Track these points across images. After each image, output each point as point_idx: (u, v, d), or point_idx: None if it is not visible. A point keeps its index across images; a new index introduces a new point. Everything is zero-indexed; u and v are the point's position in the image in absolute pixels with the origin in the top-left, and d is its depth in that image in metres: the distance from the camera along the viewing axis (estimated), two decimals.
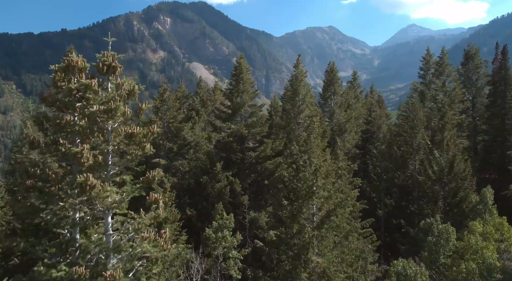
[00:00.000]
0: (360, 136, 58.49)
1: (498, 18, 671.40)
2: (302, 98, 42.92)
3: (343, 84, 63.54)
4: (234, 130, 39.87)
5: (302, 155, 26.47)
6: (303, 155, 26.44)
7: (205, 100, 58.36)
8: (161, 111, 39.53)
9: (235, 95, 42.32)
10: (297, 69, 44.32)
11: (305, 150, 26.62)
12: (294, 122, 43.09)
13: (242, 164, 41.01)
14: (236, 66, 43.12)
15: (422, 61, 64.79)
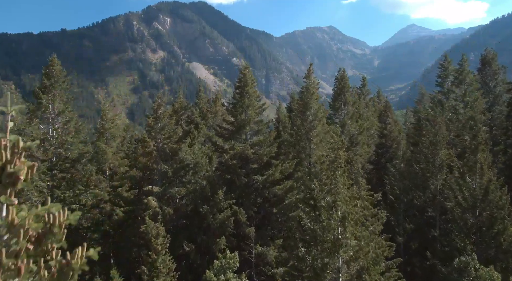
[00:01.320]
0: (374, 151, 54.40)
1: (498, 18, 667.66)
2: (314, 113, 38.25)
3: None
4: (238, 151, 35.73)
5: (325, 196, 21.64)
6: (327, 196, 21.61)
7: (206, 112, 53.78)
8: (155, 130, 35.40)
9: (239, 110, 38.24)
10: (308, 80, 39.84)
11: (329, 191, 21.78)
12: (305, 139, 38.50)
13: (247, 189, 36.64)
14: (241, 77, 39.10)
15: (440, 68, 59.66)
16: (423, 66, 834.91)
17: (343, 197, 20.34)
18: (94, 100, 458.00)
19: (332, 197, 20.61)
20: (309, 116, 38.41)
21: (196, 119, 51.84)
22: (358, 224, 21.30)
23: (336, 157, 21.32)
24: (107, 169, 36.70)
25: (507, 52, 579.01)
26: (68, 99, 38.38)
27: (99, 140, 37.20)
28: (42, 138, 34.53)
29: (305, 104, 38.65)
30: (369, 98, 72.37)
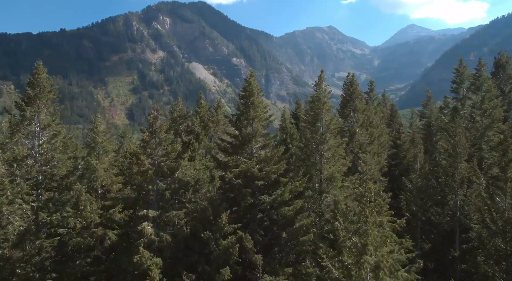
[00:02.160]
0: (387, 161, 51.31)
1: (499, 18, 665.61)
2: (326, 125, 35.11)
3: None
4: (243, 169, 32.25)
5: (351, 236, 17.98)
6: (353, 236, 17.92)
7: (207, 122, 50.34)
8: (151, 147, 32.08)
9: (244, 123, 34.91)
10: (319, 89, 36.11)
11: (357, 230, 17.94)
12: (316, 153, 35.46)
13: (252, 210, 33.35)
14: (245, 86, 35.62)
15: (455, 73, 56.24)
16: (423, 66, 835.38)
17: (374, 240, 16.93)
18: (94, 100, 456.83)
19: (361, 239, 17.17)
20: (320, 128, 35.48)
21: (197, 129, 48.41)
22: (392, 272, 18.13)
23: (365, 191, 18.01)
24: (99, 187, 33.27)
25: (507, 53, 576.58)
26: (55, 111, 34.91)
27: (90, 156, 33.62)
28: (26, 154, 31.23)
29: (315, 114, 35.66)
30: (376, 103, 68.34)
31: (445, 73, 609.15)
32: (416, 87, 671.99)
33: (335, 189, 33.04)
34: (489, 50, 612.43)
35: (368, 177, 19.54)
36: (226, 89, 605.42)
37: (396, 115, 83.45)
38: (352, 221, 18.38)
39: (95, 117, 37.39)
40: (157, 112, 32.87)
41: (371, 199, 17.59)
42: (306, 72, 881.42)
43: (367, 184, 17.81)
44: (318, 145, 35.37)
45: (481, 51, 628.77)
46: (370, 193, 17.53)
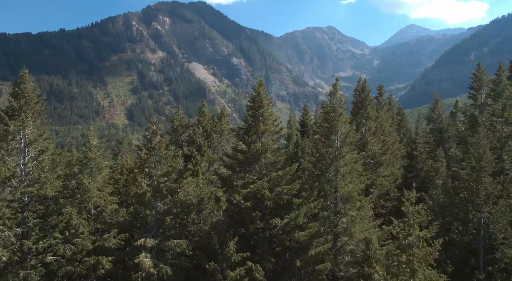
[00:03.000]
0: (402, 174, 48.31)
1: (499, 18, 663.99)
2: (342, 138, 31.83)
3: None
4: (252, 190, 28.95)
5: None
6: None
7: (210, 132, 46.76)
8: (149, 165, 28.88)
9: (252, 137, 31.78)
10: (334, 98, 33.34)
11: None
12: (331, 169, 32.21)
13: (262, 234, 30.02)
14: (254, 97, 32.39)
15: (472, 78, 52.68)
16: (422, 66, 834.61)
17: None
18: (93, 100, 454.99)
19: None
20: (335, 141, 32.29)
21: (199, 140, 44.90)
22: None
23: (413, 241, 14.87)
24: (92, 207, 29.88)
25: (507, 53, 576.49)
26: (43, 124, 31.19)
27: (82, 173, 30.52)
28: (9, 174, 27.82)
29: (330, 126, 32.44)
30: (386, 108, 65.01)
31: (445, 73, 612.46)
32: (416, 87, 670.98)
33: (352, 210, 30.16)
34: (489, 50, 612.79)
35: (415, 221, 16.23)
36: (226, 89, 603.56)
37: (404, 119, 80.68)
38: (394, 274, 15.26)
39: (87, 130, 34.00)
40: (156, 126, 29.64)
41: (417, 246, 14.62)
42: (306, 72, 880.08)
43: (414, 230, 14.83)
44: (333, 160, 32.32)
45: (481, 51, 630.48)
46: (419, 242, 14.55)
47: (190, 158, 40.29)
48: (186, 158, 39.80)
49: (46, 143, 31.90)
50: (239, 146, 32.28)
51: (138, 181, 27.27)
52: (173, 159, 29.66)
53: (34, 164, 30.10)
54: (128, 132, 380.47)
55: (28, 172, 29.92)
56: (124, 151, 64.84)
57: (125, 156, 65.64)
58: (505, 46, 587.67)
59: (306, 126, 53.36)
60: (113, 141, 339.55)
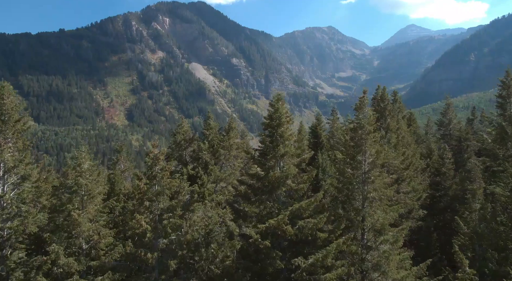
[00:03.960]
0: (428, 192, 44.62)
1: (499, 19, 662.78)
2: (372, 161, 27.52)
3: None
4: (271, 225, 24.46)
5: None
6: None
7: (217, 147, 42.03)
8: (149, 197, 24.50)
9: (271, 162, 27.25)
10: (361, 113, 29.32)
11: None
12: (358, 195, 28.02)
13: (282, 275, 25.32)
14: (271, 113, 27.95)
15: (500, 85, 48.31)
16: (422, 67, 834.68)
17: None
18: (93, 101, 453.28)
19: None
20: (363, 162, 28.17)
21: (205, 157, 40.27)
22: None
23: None
24: (83, 242, 25.48)
25: (507, 53, 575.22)
26: (25, 146, 27.13)
27: (71, 203, 26.45)
28: None
29: (357, 146, 28.41)
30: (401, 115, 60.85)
31: (445, 74, 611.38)
32: (416, 88, 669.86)
33: (385, 244, 26.16)
34: (489, 51, 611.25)
35: None
36: (226, 89, 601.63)
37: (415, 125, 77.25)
38: None
39: (78, 151, 29.53)
40: (159, 149, 25.62)
41: None
42: (306, 72, 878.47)
43: None
44: (360, 185, 28.36)
45: (482, 51, 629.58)
46: None
47: (195, 178, 36.17)
48: (190, 178, 35.83)
49: (28, 169, 27.45)
50: (252, 169, 28.39)
51: (136, 219, 23.31)
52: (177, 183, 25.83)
53: (13, 196, 25.96)
54: (127, 132, 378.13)
55: (5, 205, 25.55)
56: (122, 159, 60.93)
57: (124, 165, 62.06)
58: (506, 46, 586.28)
59: (319, 137, 49.40)
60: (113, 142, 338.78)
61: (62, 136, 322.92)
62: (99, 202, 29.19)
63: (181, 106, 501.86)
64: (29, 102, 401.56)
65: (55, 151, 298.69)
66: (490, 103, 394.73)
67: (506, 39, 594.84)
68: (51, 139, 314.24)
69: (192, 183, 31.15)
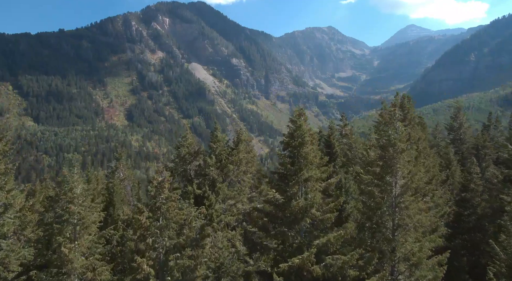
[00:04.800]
0: (455, 210, 41.61)
1: (499, 19, 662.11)
2: (404, 183, 23.72)
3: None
4: (295, 264, 20.91)
5: None
6: None
7: (225, 163, 37.85)
8: (152, 233, 21.02)
9: (293, 188, 23.50)
10: (391, 129, 25.49)
11: None
12: (388, 222, 24.39)
13: None
14: (293, 130, 24.35)
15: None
16: (422, 67, 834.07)
17: None
18: (93, 101, 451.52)
19: None
20: (394, 185, 24.55)
21: (212, 173, 36.09)
22: None
23: None
24: (76, 280, 22.38)
25: (507, 53, 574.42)
26: (7, 170, 23.94)
27: (61, 234, 22.90)
28: None
29: (387, 166, 24.86)
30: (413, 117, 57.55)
31: (445, 74, 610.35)
32: (416, 88, 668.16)
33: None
34: (489, 51, 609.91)
35: None
36: (226, 89, 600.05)
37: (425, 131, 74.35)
38: None
39: (69, 173, 25.53)
40: (163, 175, 22.10)
41: None
42: (306, 73, 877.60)
43: None
44: (390, 210, 24.84)
45: (482, 51, 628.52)
46: None
47: (202, 198, 32.69)
48: (197, 198, 32.72)
49: (10, 197, 24.14)
50: (270, 194, 24.67)
51: (137, 262, 19.83)
52: (185, 215, 22.12)
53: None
54: (127, 132, 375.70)
55: None
56: (122, 167, 58.26)
57: (123, 174, 59.65)
58: (506, 46, 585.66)
59: (332, 147, 45.63)
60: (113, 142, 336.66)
61: (62, 137, 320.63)
62: (94, 230, 25.79)
63: (181, 106, 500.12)
64: (28, 102, 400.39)
65: (55, 151, 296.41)
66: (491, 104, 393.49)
67: (506, 39, 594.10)
68: (50, 140, 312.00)
69: (198, 204, 28.28)
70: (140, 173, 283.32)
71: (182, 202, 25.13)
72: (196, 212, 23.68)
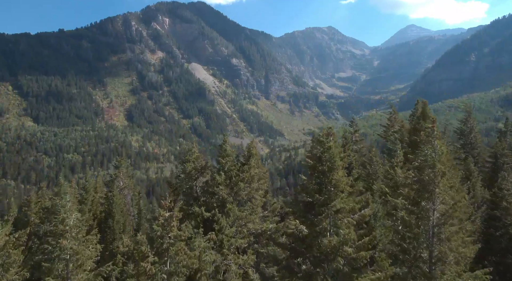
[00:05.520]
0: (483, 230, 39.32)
1: (499, 19, 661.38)
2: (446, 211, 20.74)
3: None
4: None
5: None
6: None
7: (236, 181, 34.90)
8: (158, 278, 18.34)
9: (322, 223, 20.98)
10: (430, 149, 22.67)
11: None
12: (426, 255, 21.43)
13: None
14: (320, 152, 21.51)
15: None
16: (422, 67, 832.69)
17: None
18: (93, 101, 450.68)
19: None
20: (432, 213, 21.47)
21: (222, 193, 32.72)
22: None
23: None
24: None
25: (507, 53, 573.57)
26: None
27: (52, 275, 20.31)
28: None
29: (423, 188, 21.98)
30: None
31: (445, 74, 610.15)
32: (416, 88, 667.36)
33: None
34: (489, 51, 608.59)
35: None
36: (226, 89, 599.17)
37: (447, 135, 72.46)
38: None
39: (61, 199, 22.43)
40: (172, 211, 19.73)
41: None
42: (306, 73, 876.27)
43: None
44: (428, 241, 21.81)
45: (482, 51, 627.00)
46: None
47: (211, 222, 30.33)
48: (205, 222, 30.28)
49: None
50: (291, 226, 21.80)
51: None
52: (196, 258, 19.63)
53: None
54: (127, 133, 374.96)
55: None
56: (122, 176, 57.79)
57: (123, 182, 58.72)
58: (506, 46, 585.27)
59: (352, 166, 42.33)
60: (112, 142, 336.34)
61: (62, 137, 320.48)
62: (90, 266, 22.94)
63: (180, 107, 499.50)
64: (28, 103, 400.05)
65: (54, 152, 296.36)
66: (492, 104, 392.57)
67: (506, 39, 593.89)
68: (50, 140, 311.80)
69: (206, 228, 27.28)
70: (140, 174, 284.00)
71: (193, 239, 22.88)
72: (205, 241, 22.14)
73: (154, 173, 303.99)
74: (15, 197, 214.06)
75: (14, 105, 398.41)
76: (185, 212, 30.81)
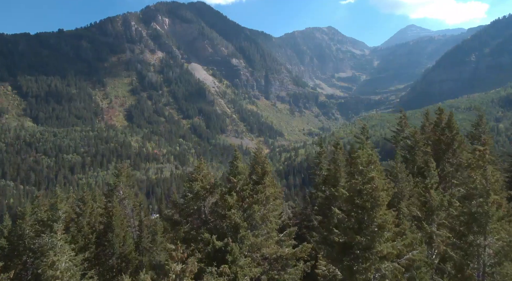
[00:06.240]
0: None
1: (499, 19, 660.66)
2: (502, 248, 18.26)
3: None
4: None
5: None
6: None
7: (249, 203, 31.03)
8: None
9: (366, 273, 17.99)
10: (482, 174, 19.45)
11: None
12: None
13: None
14: (359, 184, 18.61)
15: None
16: (422, 67, 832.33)
17: None
18: (92, 101, 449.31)
19: None
20: (483, 249, 18.37)
21: (234, 217, 29.05)
22: None
23: None
24: None
25: (508, 53, 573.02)
26: None
27: None
28: None
29: (474, 222, 18.72)
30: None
31: (445, 74, 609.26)
32: (416, 88, 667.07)
33: None
34: (490, 51, 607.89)
35: None
36: (226, 90, 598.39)
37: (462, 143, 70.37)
38: None
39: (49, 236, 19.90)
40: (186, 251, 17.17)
41: None
42: (306, 73, 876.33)
43: None
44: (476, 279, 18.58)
45: (482, 52, 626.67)
46: None
47: (224, 252, 26.99)
48: (216, 252, 27.22)
49: None
50: (328, 268, 19.28)
51: None
52: None
53: None
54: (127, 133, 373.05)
55: None
56: (122, 185, 55.08)
57: (123, 192, 56.62)
58: (506, 46, 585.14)
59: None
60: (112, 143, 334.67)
61: (61, 137, 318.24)
62: None
63: (180, 107, 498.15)
64: (27, 103, 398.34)
65: (54, 152, 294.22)
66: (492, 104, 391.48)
67: (506, 40, 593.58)
68: (49, 140, 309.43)
69: (218, 260, 24.96)
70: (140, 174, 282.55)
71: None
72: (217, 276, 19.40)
73: (154, 173, 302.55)
74: (14, 198, 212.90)
75: (13, 105, 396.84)
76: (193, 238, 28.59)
